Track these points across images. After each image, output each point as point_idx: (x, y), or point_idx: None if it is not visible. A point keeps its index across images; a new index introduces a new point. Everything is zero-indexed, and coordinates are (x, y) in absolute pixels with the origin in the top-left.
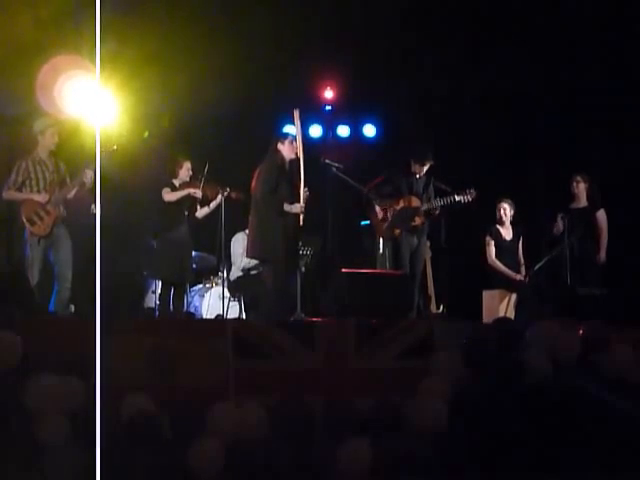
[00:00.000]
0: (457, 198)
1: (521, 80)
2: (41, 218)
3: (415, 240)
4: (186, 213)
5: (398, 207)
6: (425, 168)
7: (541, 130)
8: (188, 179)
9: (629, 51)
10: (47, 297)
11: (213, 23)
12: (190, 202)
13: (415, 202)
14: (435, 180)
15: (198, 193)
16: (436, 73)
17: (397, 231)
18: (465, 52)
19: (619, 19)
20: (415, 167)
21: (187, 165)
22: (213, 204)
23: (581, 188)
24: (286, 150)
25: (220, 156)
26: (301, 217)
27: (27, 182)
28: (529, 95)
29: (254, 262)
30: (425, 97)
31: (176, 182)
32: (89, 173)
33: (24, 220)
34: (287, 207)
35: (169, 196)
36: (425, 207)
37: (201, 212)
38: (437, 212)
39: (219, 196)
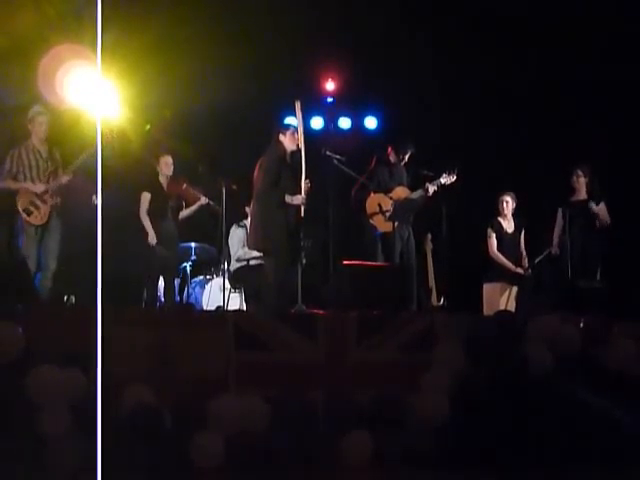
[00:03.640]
0: (443, 181)
1: (522, 73)
2: (37, 207)
3: (406, 230)
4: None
5: (397, 199)
6: (406, 157)
7: (542, 123)
8: (171, 173)
9: (630, 44)
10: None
11: (215, 14)
12: (177, 201)
13: (406, 192)
14: (417, 166)
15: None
16: (437, 66)
17: (396, 223)
18: (466, 45)
19: (620, 13)
20: (397, 156)
21: (165, 160)
22: (193, 207)
23: (582, 182)
24: (287, 141)
25: (221, 147)
26: (302, 209)
27: (21, 170)
28: (530, 88)
29: (249, 253)
30: (426, 90)
31: (161, 179)
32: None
33: (20, 210)
34: (288, 198)
35: (144, 216)
36: (418, 194)
37: (184, 213)
38: (430, 195)
39: (201, 198)
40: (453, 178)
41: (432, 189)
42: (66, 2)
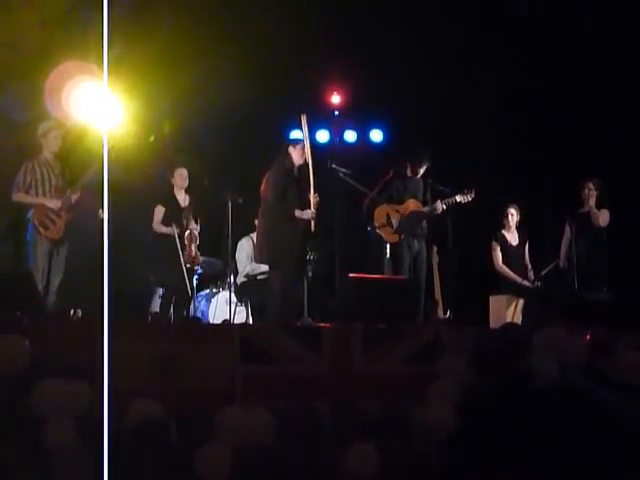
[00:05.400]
0: (458, 199)
1: (529, 85)
2: (53, 222)
3: (416, 245)
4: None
5: (404, 212)
6: (422, 170)
7: (549, 134)
8: (186, 186)
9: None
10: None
11: (221, 28)
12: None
13: (417, 205)
14: (433, 182)
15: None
16: (444, 77)
17: (402, 236)
18: (474, 55)
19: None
20: (412, 169)
21: (180, 172)
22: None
23: (592, 194)
24: (295, 155)
25: (227, 160)
26: (312, 223)
27: (33, 183)
28: (536, 100)
29: (258, 269)
30: (433, 102)
31: (176, 191)
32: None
33: (37, 225)
34: (298, 213)
35: (158, 227)
36: (427, 210)
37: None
38: (438, 213)
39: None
40: (469, 198)
41: (441, 207)
42: (72, 17)
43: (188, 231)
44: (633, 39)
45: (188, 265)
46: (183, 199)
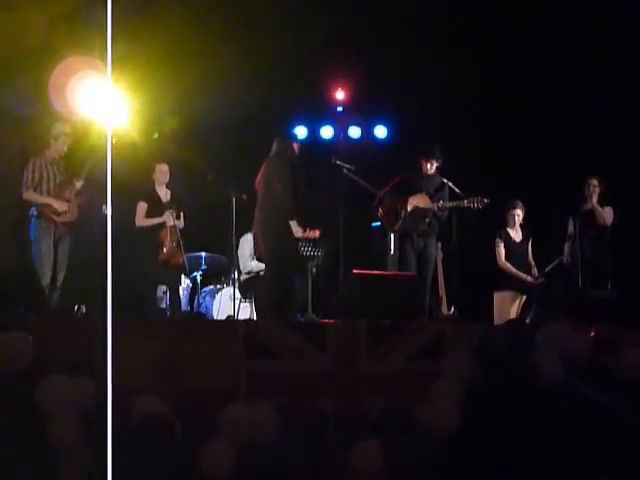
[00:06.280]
0: (467, 204)
1: (533, 81)
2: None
3: (422, 241)
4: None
5: (409, 207)
6: (434, 166)
7: (552, 131)
8: (167, 181)
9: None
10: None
11: (225, 24)
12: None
13: (425, 202)
14: (449, 182)
15: (173, 221)
16: (448, 74)
17: (404, 228)
18: (478, 53)
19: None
20: (424, 165)
21: (161, 168)
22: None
23: (595, 191)
24: (297, 152)
25: (231, 157)
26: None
27: (40, 181)
28: (541, 96)
29: (259, 265)
30: (437, 98)
31: (157, 187)
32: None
33: (48, 213)
34: (294, 227)
35: (142, 221)
36: (434, 207)
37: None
38: (444, 214)
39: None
40: (480, 206)
41: (446, 207)
42: (76, 14)
43: (167, 226)
44: (635, 36)
45: (167, 260)
46: (164, 194)
